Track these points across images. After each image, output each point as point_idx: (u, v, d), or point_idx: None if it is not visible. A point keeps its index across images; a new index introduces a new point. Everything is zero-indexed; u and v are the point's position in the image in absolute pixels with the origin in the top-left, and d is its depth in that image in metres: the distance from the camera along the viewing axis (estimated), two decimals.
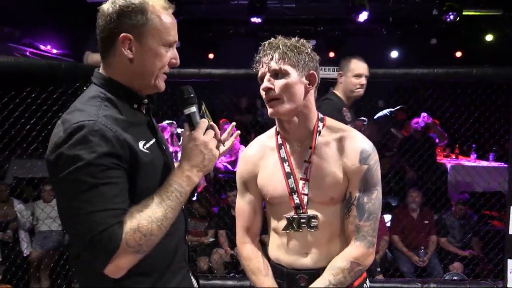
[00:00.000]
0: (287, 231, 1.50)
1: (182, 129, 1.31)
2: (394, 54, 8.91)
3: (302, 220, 1.48)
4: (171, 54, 1.23)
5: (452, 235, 4.30)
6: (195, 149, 1.20)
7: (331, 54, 8.70)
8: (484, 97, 3.59)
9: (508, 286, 3.32)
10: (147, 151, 1.18)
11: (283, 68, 1.41)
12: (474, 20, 7.67)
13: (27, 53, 5.55)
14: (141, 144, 1.17)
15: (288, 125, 1.49)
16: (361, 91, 2.84)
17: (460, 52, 8.86)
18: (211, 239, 4.37)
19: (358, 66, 2.82)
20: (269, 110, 1.45)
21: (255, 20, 6.30)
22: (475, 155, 5.45)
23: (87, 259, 1.14)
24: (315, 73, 1.46)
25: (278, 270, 1.55)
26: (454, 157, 5.90)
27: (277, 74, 1.42)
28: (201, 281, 3.19)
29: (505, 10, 7.01)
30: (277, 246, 1.56)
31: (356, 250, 1.44)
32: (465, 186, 4.83)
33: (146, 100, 1.27)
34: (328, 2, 7.15)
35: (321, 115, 1.54)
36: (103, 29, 1.19)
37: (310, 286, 1.44)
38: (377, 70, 3.23)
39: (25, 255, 4.37)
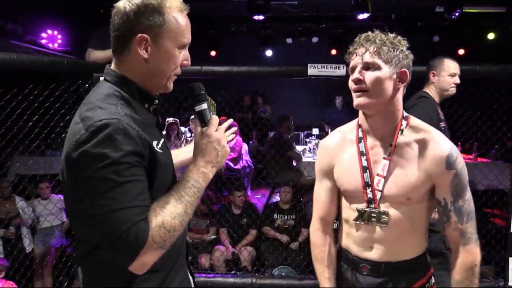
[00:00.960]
0: (357, 222, 1.54)
1: (184, 127, 1.32)
2: None
3: (373, 215, 1.51)
4: (183, 56, 1.24)
5: None
6: (209, 146, 1.23)
7: (333, 52, 8.69)
8: (487, 95, 3.58)
9: (509, 284, 3.32)
10: (161, 151, 1.19)
11: (376, 61, 1.42)
12: (477, 17, 7.65)
13: (30, 51, 5.56)
14: (155, 143, 1.18)
15: (372, 120, 1.51)
16: (454, 90, 2.90)
17: (463, 50, 8.83)
18: (213, 237, 4.38)
19: (453, 66, 2.90)
20: (355, 101, 1.46)
21: (258, 17, 6.28)
22: (477, 153, 5.44)
23: (103, 257, 1.14)
24: (407, 71, 1.46)
25: (345, 255, 1.62)
26: None
27: (369, 67, 1.43)
28: (202, 278, 3.22)
29: (508, 8, 6.98)
30: (346, 234, 1.61)
31: (470, 255, 1.47)
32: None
33: (157, 101, 1.27)
34: None
35: (405, 114, 1.53)
36: (118, 27, 1.18)
37: None
38: None
39: (27, 251, 4.38)
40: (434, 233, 2.70)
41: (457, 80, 2.88)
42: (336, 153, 1.61)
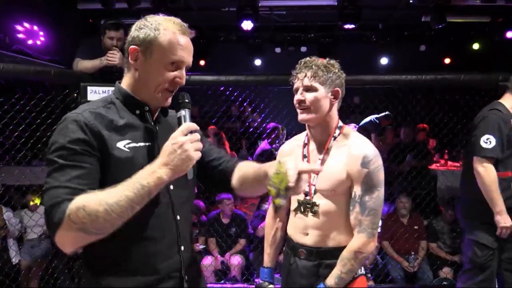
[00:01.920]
0: (296, 212, 1.88)
1: None
2: (384, 60, 8.98)
3: (307, 205, 1.83)
4: (176, 73, 1.32)
5: (442, 240, 4.32)
6: (169, 148, 1.23)
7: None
8: (472, 103, 3.63)
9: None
10: (126, 150, 1.28)
11: (313, 85, 1.76)
12: (462, 27, 7.78)
13: (18, 60, 5.51)
14: (122, 142, 1.28)
15: (313, 130, 1.87)
16: None
17: (448, 59, 8.97)
18: (202, 246, 4.35)
19: None
20: (299, 117, 1.82)
21: (246, 27, 6.32)
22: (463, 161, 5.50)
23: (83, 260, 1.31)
24: (339, 89, 1.81)
25: (289, 242, 1.95)
26: (443, 162, 5.95)
27: (308, 89, 1.77)
28: None
29: (492, 17, 7.12)
30: (290, 223, 1.95)
31: (358, 241, 1.75)
32: (454, 192, 4.85)
33: (147, 107, 1.37)
34: (319, 9, 7.20)
35: (340, 123, 1.87)
36: (126, 41, 1.37)
37: (326, 281, 1.75)
38: (366, 77, 3.27)
39: (13, 263, 4.31)
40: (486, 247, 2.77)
41: None
42: (286, 154, 1.97)
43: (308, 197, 1.84)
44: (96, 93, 3.11)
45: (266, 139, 6.11)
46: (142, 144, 1.32)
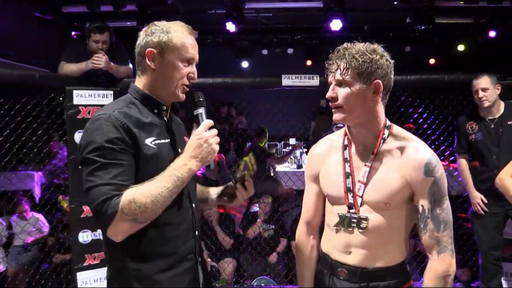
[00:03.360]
0: (338, 227, 1.59)
1: None
2: None
3: (353, 220, 1.54)
4: (190, 69, 1.48)
5: None
6: (195, 142, 1.40)
7: (308, 62, 8.80)
8: (455, 103, 3.70)
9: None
10: (153, 146, 1.41)
11: (346, 79, 1.46)
12: (447, 28, 7.88)
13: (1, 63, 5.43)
14: (149, 139, 1.41)
15: (354, 130, 1.56)
16: None
17: (433, 60, 9.08)
18: None
19: None
20: (333, 116, 1.54)
21: (231, 29, 6.33)
22: (449, 159, 5.56)
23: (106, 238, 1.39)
24: (380, 82, 1.46)
25: (324, 259, 1.67)
26: None
27: (341, 83, 1.49)
28: None
29: (475, 18, 7.22)
30: (327, 239, 1.66)
31: (443, 263, 1.48)
32: None
33: (165, 107, 1.52)
34: (305, 11, 7.24)
35: (388, 123, 1.56)
36: (137, 46, 1.49)
37: None
38: None
39: (0, 271, 4.25)
40: None
41: None
42: (322, 160, 1.67)
43: (353, 210, 1.54)
44: (82, 96, 3.09)
45: (255, 139, 6.14)
46: (164, 140, 1.47)
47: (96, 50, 3.14)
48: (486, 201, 3.19)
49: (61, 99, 3.08)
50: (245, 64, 9.34)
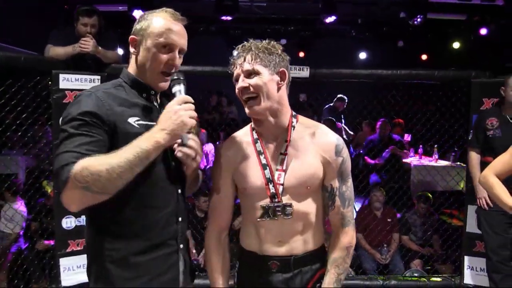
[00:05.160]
0: (263, 219, 1.57)
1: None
2: (363, 55, 9.08)
3: (277, 209, 1.56)
4: (170, 56, 1.45)
5: (414, 232, 4.41)
6: (166, 115, 1.36)
7: (301, 54, 8.78)
8: (445, 99, 3.71)
9: (464, 282, 3.45)
10: (136, 125, 1.40)
11: (255, 68, 1.51)
12: (440, 24, 7.90)
13: None
14: (132, 118, 1.41)
15: (264, 123, 1.59)
16: None
17: (425, 55, 9.12)
18: None
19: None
20: (247, 110, 1.55)
21: (225, 17, 6.28)
22: (437, 155, 5.61)
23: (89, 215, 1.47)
24: (285, 70, 1.56)
25: (249, 257, 1.64)
26: (417, 157, 6.06)
27: (250, 73, 1.52)
28: None
29: (469, 15, 7.25)
30: (251, 235, 1.63)
31: (347, 236, 1.62)
32: (426, 185, 4.96)
33: (153, 91, 1.52)
34: (299, 2, 7.21)
35: (294, 113, 1.64)
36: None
37: (323, 286, 1.59)
38: (343, 70, 3.29)
39: None
40: None
41: None
42: (232, 158, 1.65)
43: (276, 199, 1.56)
44: (68, 80, 3.03)
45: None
46: (149, 122, 1.43)
47: (84, 34, 3.08)
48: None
49: (49, 83, 3.01)
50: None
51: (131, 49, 1.50)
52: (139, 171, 1.30)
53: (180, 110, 1.36)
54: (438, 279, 3.57)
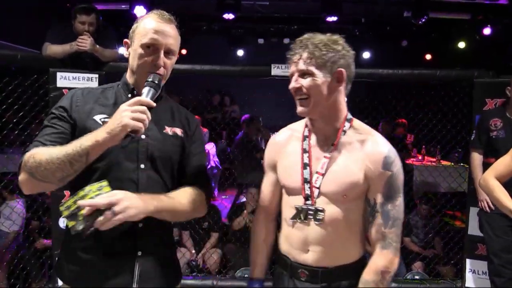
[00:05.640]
0: (295, 220, 1.54)
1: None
2: (366, 55, 9.01)
3: (309, 212, 1.51)
4: (153, 57, 1.45)
5: (415, 234, 4.37)
6: (114, 115, 1.33)
7: None
8: (447, 99, 3.65)
9: (466, 285, 3.40)
10: (99, 122, 1.43)
11: (309, 69, 1.44)
12: (444, 24, 7.83)
13: None
14: (99, 116, 1.45)
15: (315, 122, 1.54)
16: None
17: (429, 55, 9.04)
18: (176, 238, 4.30)
19: None
20: (298, 110, 1.50)
21: (227, 16, 6.24)
22: (440, 156, 5.56)
23: None
24: (343, 70, 1.46)
25: (283, 261, 1.61)
26: (420, 157, 6.01)
27: (304, 74, 1.45)
28: None
29: (473, 15, 7.17)
30: (285, 237, 1.61)
31: (384, 258, 1.46)
32: (428, 187, 4.91)
33: (135, 91, 1.52)
34: (302, 1, 7.15)
35: (349, 115, 1.55)
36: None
37: None
38: None
39: None
40: None
41: None
42: (281, 149, 1.64)
43: (309, 202, 1.51)
44: (65, 79, 3.01)
45: (244, 130, 6.07)
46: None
47: (81, 32, 3.05)
48: None
49: (48, 79, 2.99)
50: (240, 52, 9.26)
51: (125, 52, 1.55)
52: (80, 167, 1.32)
53: (125, 111, 1.29)
54: (439, 282, 3.52)
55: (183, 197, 1.47)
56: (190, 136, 1.60)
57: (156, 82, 1.42)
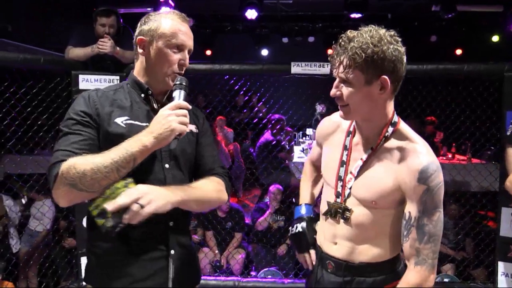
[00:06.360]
0: (326, 216, 1.59)
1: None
2: None
3: (338, 210, 1.53)
4: (180, 56, 1.49)
5: (445, 235, 4.22)
6: (156, 119, 1.38)
7: (330, 51, 8.57)
8: (475, 95, 3.50)
9: None
10: (122, 125, 1.43)
11: (349, 77, 1.36)
12: (474, 17, 7.57)
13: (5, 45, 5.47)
14: (120, 118, 1.44)
15: (358, 123, 1.53)
16: None
17: (460, 50, 8.76)
18: (199, 238, 4.32)
19: None
20: (339, 113, 1.49)
21: (250, 16, 6.22)
22: (471, 154, 5.36)
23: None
24: (387, 78, 1.35)
25: (317, 251, 1.67)
26: (450, 156, 5.82)
27: (344, 81, 1.39)
28: None
29: (505, 7, 6.90)
30: (320, 229, 1.68)
31: (417, 275, 1.39)
32: (458, 185, 4.74)
33: (150, 91, 1.52)
34: None
35: (395, 119, 1.47)
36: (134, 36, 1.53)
37: None
38: None
39: (14, 251, 4.32)
40: None
41: None
42: (329, 134, 1.66)
43: (339, 199, 1.52)
44: (88, 81, 3.06)
45: (270, 130, 6.05)
46: (140, 123, 1.45)
47: (102, 34, 3.10)
48: None
49: (70, 82, 3.05)
50: (264, 52, 9.23)
51: (139, 50, 1.51)
52: (126, 172, 1.32)
53: (170, 115, 1.36)
54: (470, 285, 3.38)
55: (206, 186, 1.52)
56: (200, 129, 1.64)
57: (185, 84, 1.47)
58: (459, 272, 3.89)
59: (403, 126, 1.48)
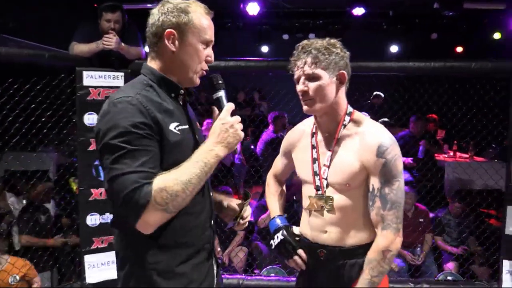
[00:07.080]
0: (309, 209, 1.74)
1: None
2: (394, 48, 8.81)
3: (321, 200, 1.69)
4: (208, 52, 1.43)
5: (448, 233, 4.22)
6: (221, 127, 1.35)
7: None
8: (482, 93, 3.49)
9: (503, 286, 3.25)
10: (177, 132, 1.34)
11: (315, 72, 1.58)
12: (476, 15, 7.56)
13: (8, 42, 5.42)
14: (172, 125, 1.34)
15: (319, 118, 1.70)
16: None
17: (461, 48, 8.75)
18: None
19: None
20: (304, 108, 1.65)
21: (252, 10, 6.19)
22: (473, 152, 5.36)
23: (124, 226, 1.34)
24: (344, 72, 1.62)
25: (304, 242, 1.79)
26: (452, 153, 5.81)
27: (311, 77, 1.59)
28: None
29: (508, 5, 6.88)
30: (305, 223, 1.79)
31: (385, 239, 1.59)
32: (462, 184, 4.74)
33: (182, 91, 1.45)
34: None
35: (350, 109, 1.69)
36: (152, 26, 1.39)
37: (355, 286, 1.61)
38: (371, 63, 3.13)
39: (17, 249, 4.28)
40: None
41: None
42: (295, 143, 1.86)
43: (320, 192, 1.69)
44: (92, 77, 3.03)
45: (272, 127, 6.04)
46: (184, 126, 1.40)
47: (107, 30, 3.06)
48: None
49: (75, 78, 3.02)
50: (265, 49, 9.20)
51: (168, 44, 1.37)
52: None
53: (235, 123, 1.36)
54: (473, 283, 3.38)
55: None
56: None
57: (222, 82, 1.46)
58: (462, 270, 3.89)
59: (358, 114, 1.70)
